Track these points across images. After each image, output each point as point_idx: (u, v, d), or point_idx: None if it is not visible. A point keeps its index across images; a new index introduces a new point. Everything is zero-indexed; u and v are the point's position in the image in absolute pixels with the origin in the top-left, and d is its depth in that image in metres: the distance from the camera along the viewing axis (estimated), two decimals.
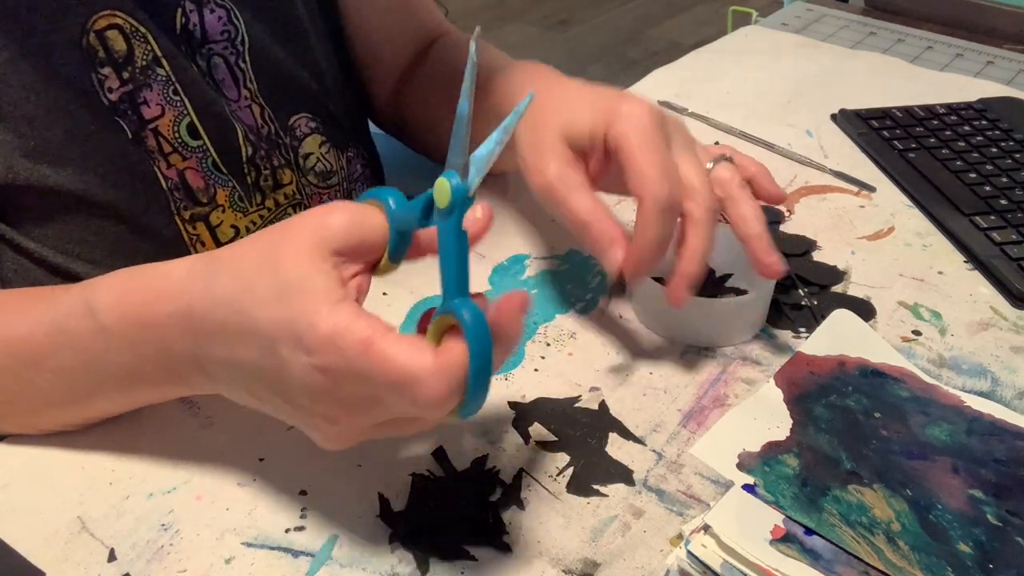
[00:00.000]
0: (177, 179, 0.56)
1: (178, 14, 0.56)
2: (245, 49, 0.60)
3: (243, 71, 0.60)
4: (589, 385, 0.53)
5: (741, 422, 0.49)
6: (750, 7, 1.14)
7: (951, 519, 0.43)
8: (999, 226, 0.65)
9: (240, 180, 0.60)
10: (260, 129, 0.62)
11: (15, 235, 0.53)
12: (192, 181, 0.57)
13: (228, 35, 0.59)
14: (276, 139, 0.63)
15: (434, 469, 0.47)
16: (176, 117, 0.55)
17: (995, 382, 0.53)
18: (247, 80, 0.61)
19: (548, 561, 0.42)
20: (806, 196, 0.71)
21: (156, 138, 0.55)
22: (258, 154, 0.61)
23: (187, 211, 0.57)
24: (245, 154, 0.60)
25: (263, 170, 0.61)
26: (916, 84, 0.90)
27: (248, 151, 0.60)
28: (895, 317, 0.58)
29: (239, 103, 0.60)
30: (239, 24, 0.59)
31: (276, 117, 0.63)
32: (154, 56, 0.54)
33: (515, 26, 3.28)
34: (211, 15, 0.58)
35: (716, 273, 0.61)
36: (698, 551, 0.41)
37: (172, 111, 0.55)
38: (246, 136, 0.60)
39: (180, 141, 0.56)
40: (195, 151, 0.57)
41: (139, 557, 0.42)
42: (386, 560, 0.42)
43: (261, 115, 0.62)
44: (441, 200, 0.36)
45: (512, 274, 0.62)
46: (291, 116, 0.65)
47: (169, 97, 0.55)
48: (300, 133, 0.65)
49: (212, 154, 0.58)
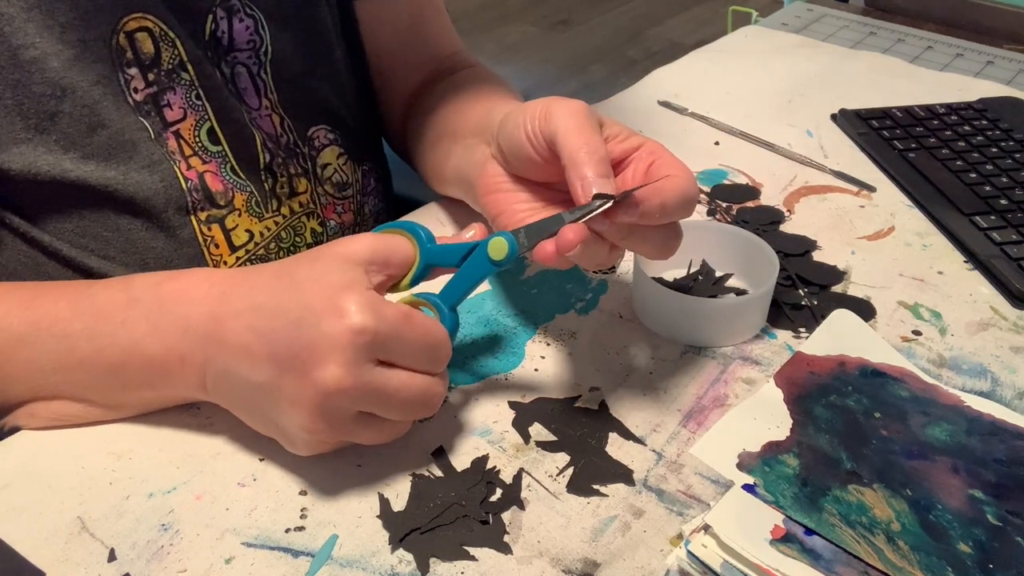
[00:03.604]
0: (197, 180, 0.57)
1: (208, 21, 0.57)
2: (267, 60, 0.61)
3: (264, 81, 0.61)
4: (589, 385, 0.53)
5: (741, 422, 0.49)
6: (750, 7, 1.14)
7: (951, 519, 0.43)
8: (999, 226, 0.65)
9: (258, 186, 0.61)
10: (279, 138, 0.63)
11: (29, 227, 0.54)
12: (211, 184, 0.57)
13: (253, 45, 0.60)
14: (294, 148, 0.64)
15: (434, 469, 0.47)
16: (197, 121, 0.56)
17: (995, 382, 0.53)
18: (268, 90, 0.62)
19: (548, 561, 0.42)
20: (806, 196, 0.71)
21: (177, 140, 0.56)
22: (275, 161, 0.62)
23: (204, 212, 0.57)
24: (263, 161, 0.61)
25: (280, 177, 0.62)
26: (916, 84, 0.90)
27: (266, 158, 0.61)
28: (895, 317, 0.58)
29: (259, 111, 0.61)
30: (265, 35, 0.60)
31: (295, 127, 0.64)
32: (180, 60, 0.55)
33: (515, 26, 3.28)
34: (239, 24, 0.59)
35: (716, 273, 0.61)
36: (698, 551, 0.41)
37: (194, 115, 0.56)
38: (264, 143, 0.61)
39: (200, 145, 0.57)
40: (215, 156, 0.58)
41: (139, 557, 0.42)
42: (386, 560, 0.42)
43: (280, 124, 0.63)
44: (496, 254, 0.46)
45: (512, 274, 0.62)
46: (310, 127, 0.66)
47: (192, 101, 0.56)
48: (319, 144, 0.67)
49: (231, 159, 0.58)
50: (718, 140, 0.79)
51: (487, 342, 0.56)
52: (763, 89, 0.89)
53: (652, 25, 3.30)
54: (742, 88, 0.89)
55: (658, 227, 0.46)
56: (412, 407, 0.44)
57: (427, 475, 0.46)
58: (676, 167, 0.46)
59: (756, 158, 0.77)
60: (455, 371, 0.53)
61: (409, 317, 0.42)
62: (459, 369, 0.54)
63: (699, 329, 0.55)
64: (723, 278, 0.61)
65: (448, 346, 0.44)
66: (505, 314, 0.58)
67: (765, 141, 0.79)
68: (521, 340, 0.56)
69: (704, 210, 0.69)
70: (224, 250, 0.59)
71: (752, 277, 0.59)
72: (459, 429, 0.49)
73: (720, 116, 0.83)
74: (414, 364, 0.43)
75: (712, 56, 0.97)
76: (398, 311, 0.42)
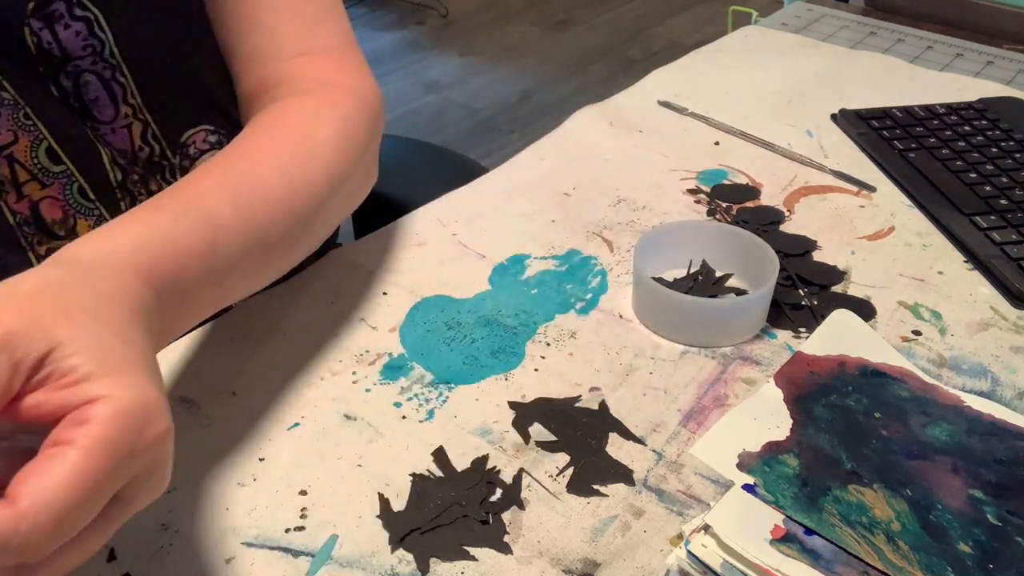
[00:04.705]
0: (28, 212, 0.52)
1: (26, 34, 0.50)
2: (119, 61, 0.54)
3: (123, 85, 0.55)
4: (589, 385, 0.53)
5: (741, 422, 0.49)
6: (750, 7, 1.14)
7: (951, 519, 0.43)
8: (999, 226, 0.65)
9: (112, 207, 0.56)
10: (137, 152, 0.57)
11: None
12: (47, 213, 0.53)
13: (93, 49, 0.53)
14: (158, 161, 0.59)
15: (434, 469, 0.47)
16: (33, 142, 0.52)
17: (995, 382, 0.53)
18: (128, 95, 0.55)
19: (548, 561, 0.42)
20: (806, 196, 0.71)
21: (11, 165, 0.51)
22: (129, 179, 0.57)
23: (42, 246, 0.53)
24: (115, 179, 0.56)
25: (138, 196, 0.57)
26: (916, 84, 0.90)
27: (117, 176, 0.56)
28: (895, 317, 0.58)
29: (114, 123, 0.55)
30: (105, 36, 0.53)
31: (165, 134, 0.58)
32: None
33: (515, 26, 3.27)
34: (66, 31, 0.51)
35: (716, 273, 0.61)
36: (698, 551, 0.41)
37: (27, 136, 0.52)
38: (113, 160, 0.56)
39: (40, 167, 0.52)
40: (58, 176, 0.53)
41: (139, 557, 0.42)
42: (386, 560, 0.42)
43: (143, 135, 0.57)
44: None
45: (512, 274, 0.62)
46: (185, 131, 0.60)
47: (20, 121, 0.51)
48: (194, 151, 0.60)
49: (78, 179, 0.54)
50: (718, 140, 0.79)
51: (487, 342, 0.56)
52: (763, 89, 0.89)
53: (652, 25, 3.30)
54: (742, 88, 0.89)
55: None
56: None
57: (427, 475, 0.46)
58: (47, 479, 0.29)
59: (756, 158, 0.77)
60: (456, 371, 0.53)
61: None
62: (459, 369, 0.54)
63: (699, 329, 0.55)
64: (723, 278, 0.61)
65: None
66: (505, 314, 0.58)
67: (765, 141, 0.79)
68: (521, 340, 0.56)
69: (704, 210, 0.69)
70: None
71: (752, 277, 0.59)
72: (459, 429, 0.49)
73: (720, 116, 0.83)
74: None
75: (712, 56, 0.97)
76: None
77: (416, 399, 0.51)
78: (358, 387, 0.52)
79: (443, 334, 0.56)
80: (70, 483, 0.29)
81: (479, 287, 0.61)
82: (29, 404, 0.30)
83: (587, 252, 0.64)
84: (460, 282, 0.61)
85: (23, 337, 0.30)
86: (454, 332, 0.57)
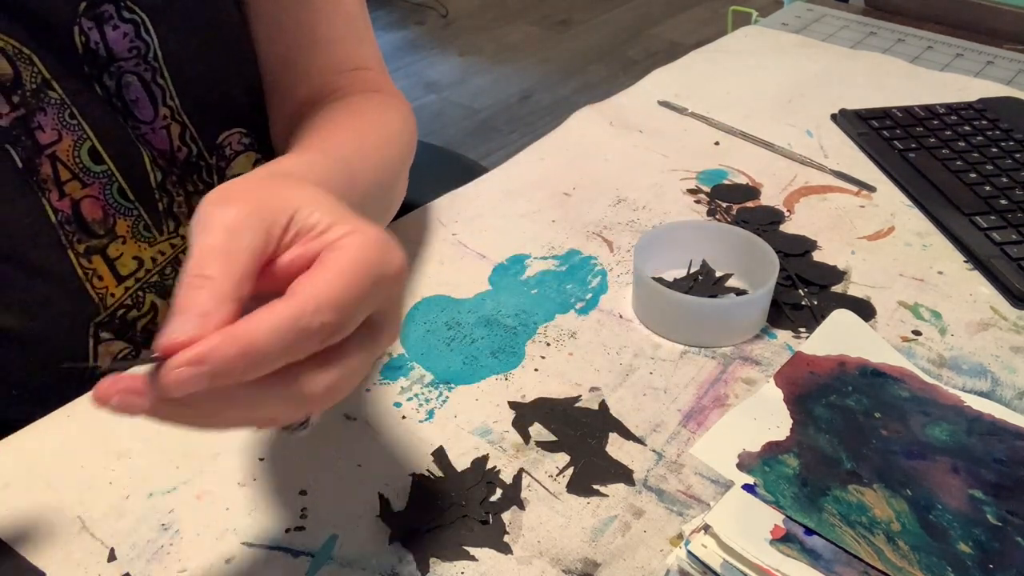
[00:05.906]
0: (69, 211, 0.53)
1: (76, 33, 0.51)
2: (161, 64, 0.55)
3: (162, 88, 0.56)
4: (589, 385, 0.53)
5: (741, 422, 0.49)
6: (750, 7, 1.14)
7: (951, 519, 0.43)
8: (999, 226, 0.65)
9: (150, 207, 0.57)
10: (176, 153, 0.58)
11: None
12: (88, 212, 0.54)
13: (138, 51, 0.54)
14: (196, 162, 0.60)
15: (434, 469, 0.47)
16: (76, 141, 0.52)
17: (995, 382, 0.53)
18: (167, 97, 0.56)
19: (548, 561, 0.42)
20: (806, 196, 0.71)
21: (53, 164, 0.52)
22: (168, 180, 0.58)
23: (81, 244, 0.54)
24: (154, 179, 0.57)
25: (176, 196, 0.58)
26: (916, 84, 0.90)
27: (157, 176, 0.57)
28: (895, 317, 0.58)
29: (154, 124, 0.56)
30: (150, 39, 0.54)
31: (201, 136, 0.59)
32: (43, 79, 0.50)
33: (515, 26, 3.28)
34: (114, 32, 0.53)
35: (716, 273, 0.61)
36: (698, 551, 0.41)
37: (70, 135, 0.52)
38: (154, 161, 0.56)
39: (82, 166, 0.53)
40: (99, 176, 0.54)
41: (139, 557, 0.42)
42: (386, 560, 0.42)
43: (181, 136, 0.58)
44: None
45: (512, 274, 0.62)
46: (221, 133, 0.61)
47: (65, 121, 0.52)
48: (230, 152, 0.62)
49: (118, 179, 0.55)
50: (718, 140, 0.79)
51: (487, 342, 0.56)
52: (763, 89, 0.89)
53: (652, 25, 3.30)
54: (742, 88, 0.89)
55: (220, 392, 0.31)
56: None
57: (427, 475, 0.46)
58: (318, 285, 0.32)
59: (756, 158, 0.77)
60: (456, 371, 0.53)
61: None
62: (459, 369, 0.54)
63: (699, 329, 0.55)
64: (723, 278, 0.61)
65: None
66: (505, 314, 0.58)
67: (765, 141, 0.79)
68: (521, 340, 0.56)
69: (704, 210, 0.69)
70: (109, 281, 0.55)
71: (752, 277, 0.59)
72: (459, 429, 0.49)
73: (720, 116, 0.83)
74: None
75: (712, 56, 0.97)
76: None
77: (416, 399, 0.51)
78: (358, 387, 0.52)
79: (443, 334, 0.56)
80: (340, 280, 0.32)
81: (479, 287, 0.61)
82: (285, 261, 0.34)
83: (587, 252, 0.64)
84: (460, 282, 0.61)
85: (269, 208, 0.34)
86: (454, 332, 0.57)
